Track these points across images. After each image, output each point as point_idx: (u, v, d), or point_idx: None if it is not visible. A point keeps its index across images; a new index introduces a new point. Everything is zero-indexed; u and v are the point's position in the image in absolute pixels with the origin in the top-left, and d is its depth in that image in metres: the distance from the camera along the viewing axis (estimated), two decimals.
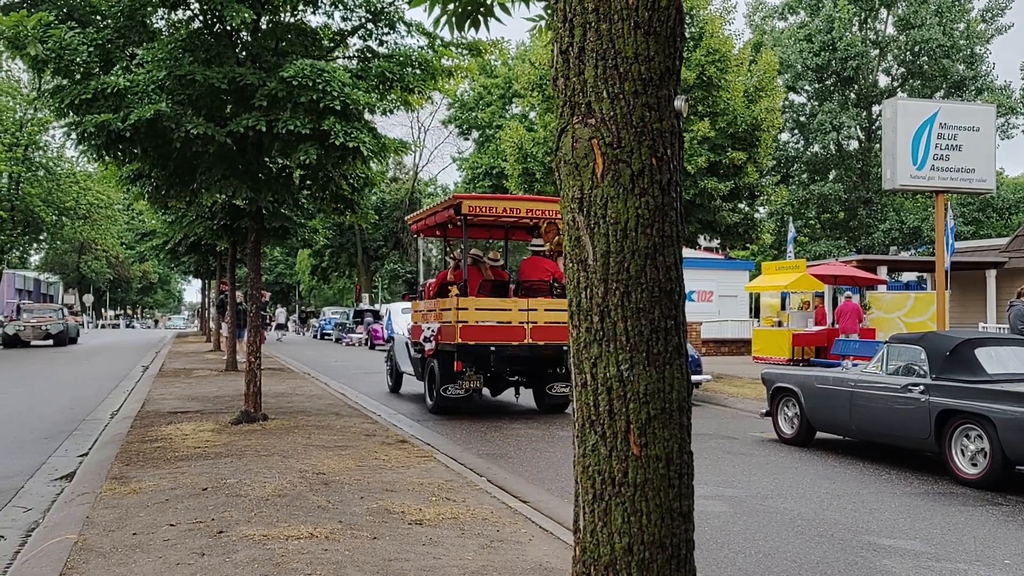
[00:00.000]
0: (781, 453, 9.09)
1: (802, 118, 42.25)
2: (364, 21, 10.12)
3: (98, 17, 9.18)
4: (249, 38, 9.62)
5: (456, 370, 11.24)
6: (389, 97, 10.07)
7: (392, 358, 15.17)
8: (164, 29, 9.83)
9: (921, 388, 7.85)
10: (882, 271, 23.57)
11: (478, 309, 11.25)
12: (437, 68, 9.89)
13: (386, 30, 10.13)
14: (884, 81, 42.27)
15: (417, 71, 9.83)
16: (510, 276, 13.35)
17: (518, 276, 12.66)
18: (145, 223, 31.34)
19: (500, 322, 11.26)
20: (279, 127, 8.75)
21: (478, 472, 7.49)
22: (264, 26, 9.76)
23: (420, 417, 11.62)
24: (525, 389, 12.86)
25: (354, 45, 10.57)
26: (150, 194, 11.07)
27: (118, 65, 9.02)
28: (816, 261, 30.00)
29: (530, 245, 13.10)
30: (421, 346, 12.63)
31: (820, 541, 5.64)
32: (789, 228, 26.64)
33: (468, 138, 52.34)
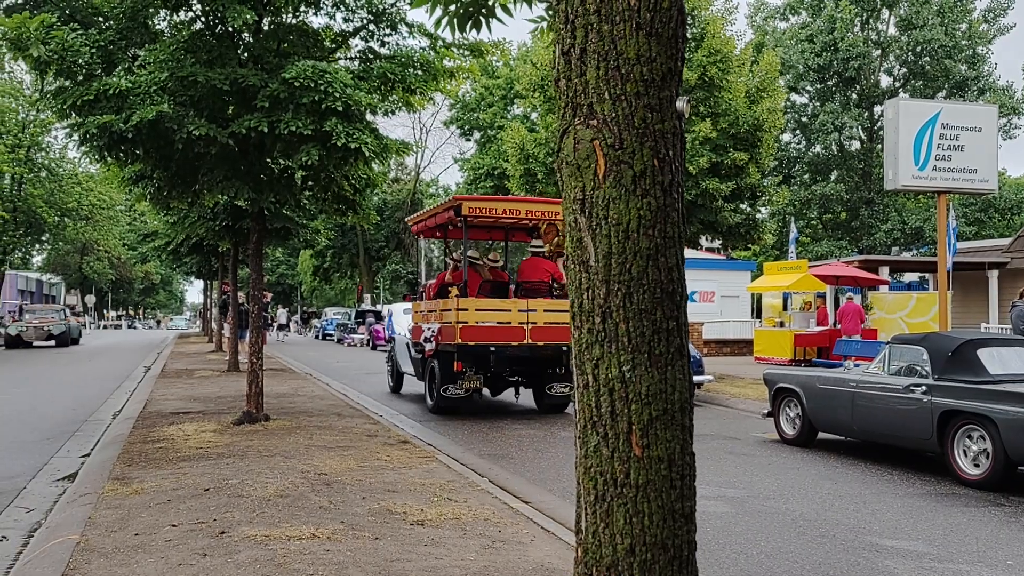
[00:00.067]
0: (783, 454, 9.09)
1: (804, 118, 42.20)
2: (366, 22, 10.13)
3: (100, 18, 9.20)
4: (251, 39, 9.63)
5: (456, 370, 11.26)
6: (391, 98, 10.08)
7: (393, 358, 15.18)
8: (166, 30, 9.85)
9: (923, 389, 7.84)
10: (884, 271, 23.55)
11: (478, 310, 11.27)
12: (439, 69, 9.90)
13: (388, 31, 10.14)
14: (886, 81, 42.24)
15: (419, 72, 9.85)
16: (510, 277, 13.37)
17: (518, 277, 12.68)
18: (147, 224, 31.37)
19: (500, 323, 11.28)
20: (281, 128, 8.76)
21: (480, 473, 7.49)
22: (266, 27, 9.77)
23: (421, 418, 11.63)
24: (525, 389, 12.87)
25: (356, 46, 10.60)
26: (152, 195, 11.09)
27: (120, 66, 9.04)
28: (818, 261, 29.96)
29: (530, 246, 13.12)
30: (421, 346, 12.64)
31: (822, 542, 5.64)
32: (791, 228, 26.61)
33: (470, 139, 52.34)
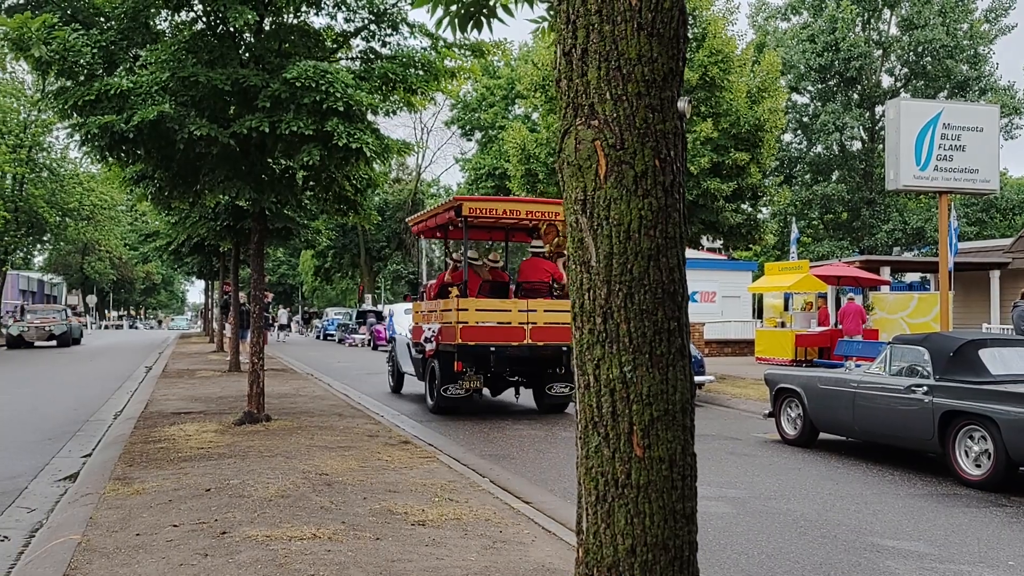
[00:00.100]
0: (784, 454, 9.09)
1: (805, 119, 42.18)
2: (367, 22, 10.14)
3: (102, 19, 9.21)
4: (252, 39, 9.63)
5: (456, 370, 11.27)
6: (392, 98, 10.08)
7: (394, 359, 15.19)
8: (167, 31, 9.85)
9: (924, 389, 7.83)
10: (885, 272, 23.53)
11: (478, 310, 11.28)
12: (440, 69, 9.91)
13: (389, 31, 10.15)
14: (887, 81, 42.21)
15: (420, 72, 9.85)
16: (510, 277, 13.38)
17: (518, 277, 12.69)
18: (148, 224, 31.39)
19: (500, 323, 11.29)
20: (282, 128, 8.76)
21: (481, 473, 7.49)
22: (267, 27, 9.78)
23: (422, 418, 11.63)
24: (525, 389, 12.88)
25: (357, 46, 10.60)
26: (153, 195, 11.09)
27: (122, 67, 9.04)
28: (819, 262, 29.92)
29: (530, 247, 13.13)
30: (422, 346, 12.65)
31: (823, 542, 5.64)
32: (792, 229, 26.60)
33: (471, 139, 52.35)
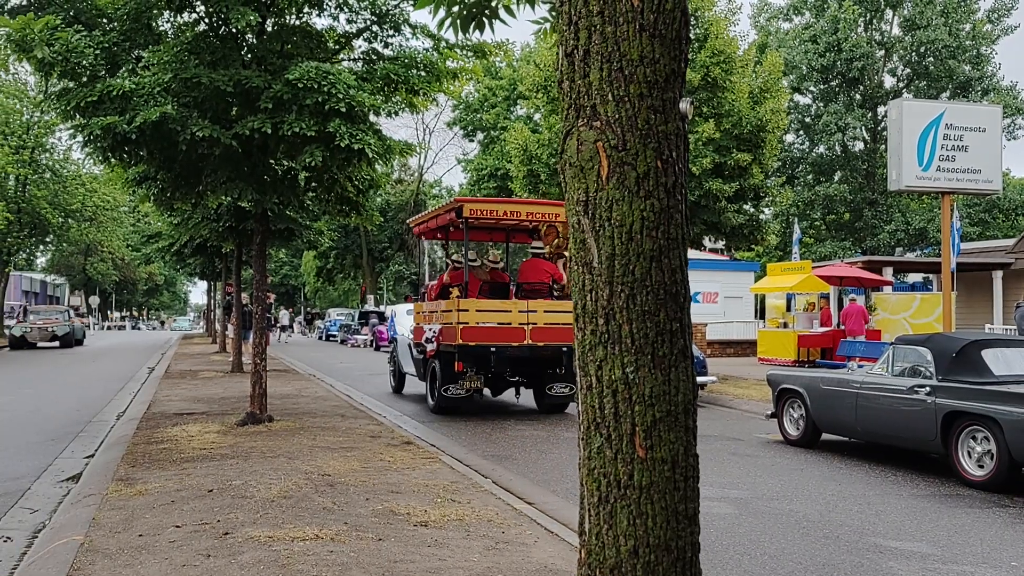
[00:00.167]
0: (787, 455, 9.08)
1: (807, 119, 42.15)
2: (369, 23, 10.14)
3: (104, 20, 9.22)
4: (254, 41, 9.64)
5: (457, 370, 11.29)
6: (394, 99, 10.09)
7: (395, 359, 15.20)
8: (170, 32, 9.86)
9: (927, 390, 7.82)
10: (888, 272, 23.51)
11: (479, 311, 11.29)
12: (442, 70, 9.91)
13: (391, 32, 10.15)
14: (889, 82, 42.16)
15: (422, 73, 9.86)
16: (510, 278, 13.39)
17: (518, 278, 12.71)
18: (151, 225, 31.38)
19: (500, 323, 11.31)
20: (284, 129, 8.77)
21: (483, 473, 7.49)
22: (269, 29, 9.78)
23: (424, 418, 11.64)
24: (525, 389, 12.89)
25: (359, 47, 10.60)
26: (156, 196, 11.11)
27: (124, 68, 9.06)
28: (821, 262, 29.89)
29: (530, 247, 13.14)
30: (423, 347, 12.66)
31: (826, 543, 5.63)
32: (794, 229, 26.56)
33: (473, 140, 52.34)
